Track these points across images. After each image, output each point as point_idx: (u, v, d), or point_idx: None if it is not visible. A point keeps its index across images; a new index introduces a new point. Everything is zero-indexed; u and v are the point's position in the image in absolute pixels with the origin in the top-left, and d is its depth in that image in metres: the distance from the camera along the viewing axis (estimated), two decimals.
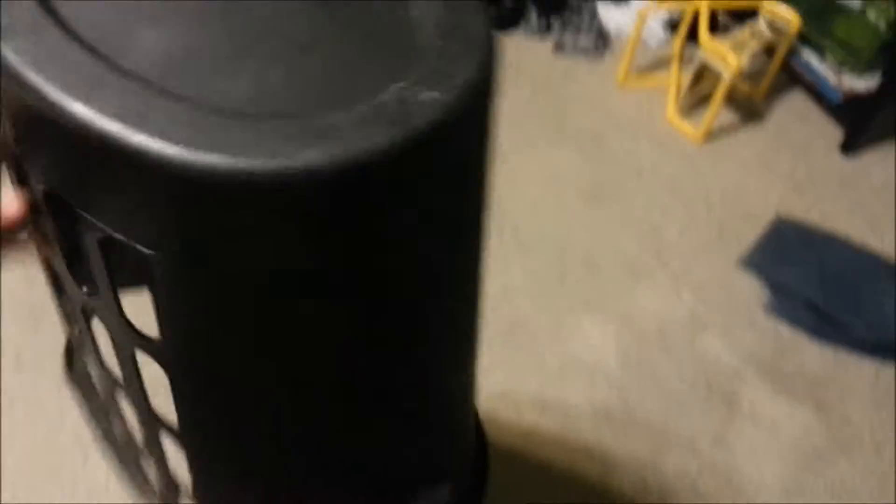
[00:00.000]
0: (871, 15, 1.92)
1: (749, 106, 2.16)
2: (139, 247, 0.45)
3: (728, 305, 1.72)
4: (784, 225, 1.85)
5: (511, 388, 1.56)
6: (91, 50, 0.43)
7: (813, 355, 1.64)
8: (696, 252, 1.81)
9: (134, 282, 0.53)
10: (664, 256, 1.80)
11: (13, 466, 1.44)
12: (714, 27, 2.08)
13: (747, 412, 1.56)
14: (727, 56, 1.89)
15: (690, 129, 2.06)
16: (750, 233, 1.84)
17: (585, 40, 2.33)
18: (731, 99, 2.14)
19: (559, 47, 2.32)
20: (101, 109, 0.39)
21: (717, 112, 1.99)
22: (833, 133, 2.08)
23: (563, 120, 2.11)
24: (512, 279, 1.74)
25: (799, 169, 2.00)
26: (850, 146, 2.03)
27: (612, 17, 2.37)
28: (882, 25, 1.91)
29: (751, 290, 1.74)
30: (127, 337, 0.55)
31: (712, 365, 1.62)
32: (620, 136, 2.06)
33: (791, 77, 2.18)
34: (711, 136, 2.07)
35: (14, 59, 0.41)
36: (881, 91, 1.97)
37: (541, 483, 1.45)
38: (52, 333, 1.61)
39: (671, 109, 2.10)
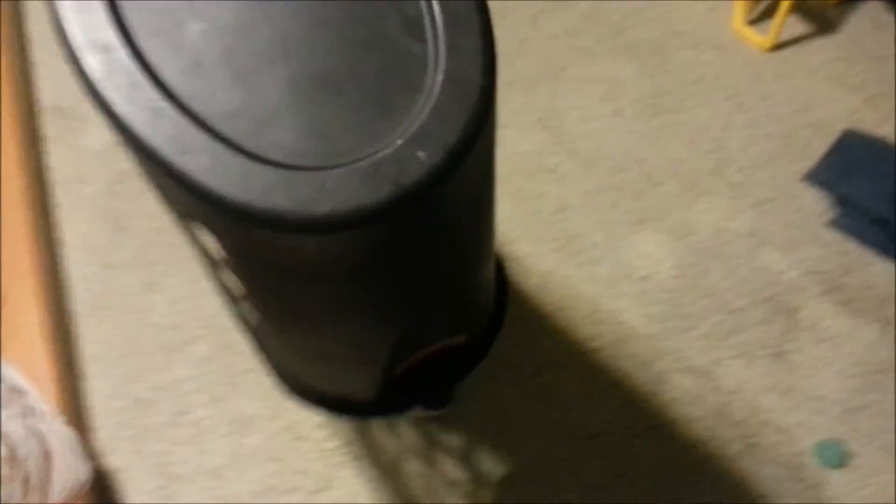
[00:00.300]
0: None
1: (822, 13, 2.05)
2: (219, 245, 0.63)
3: (792, 220, 1.67)
4: (854, 138, 1.77)
5: (567, 300, 1.57)
6: (184, 111, 0.55)
7: (880, 272, 1.60)
8: (760, 165, 1.75)
9: None
10: (725, 169, 1.75)
11: (100, 368, 1.53)
12: None
13: (808, 327, 1.53)
14: None
15: (757, 38, 1.97)
16: (817, 146, 1.77)
17: None
18: (803, 6, 2.03)
19: None
20: (195, 168, 0.54)
21: (785, 17, 1.90)
22: None
23: (622, 32, 2.03)
24: (567, 193, 1.72)
25: (872, 80, 1.90)
26: None
27: None
28: None
29: (816, 205, 1.69)
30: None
31: (773, 279, 1.59)
32: (682, 47, 1.99)
33: None
34: (779, 45, 1.97)
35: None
36: None
37: (595, 391, 1.47)
38: (135, 243, 1.69)
39: (737, 17, 2.01)
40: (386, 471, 1.40)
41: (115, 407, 1.50)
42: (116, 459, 1.45)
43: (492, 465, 1.41)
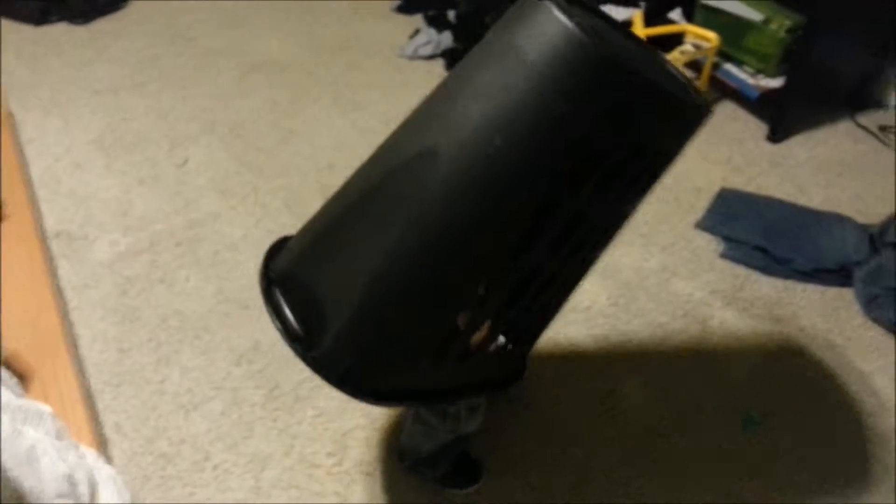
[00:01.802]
0: (773, 26, 2.38)
1: None
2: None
3: (691, 256, 2.09)
4: (729, 193, 2.24)
5: None
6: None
7: (766, 285, 2.00)
8: (660, 220, 2.19)
9: None
10: (633, 226, 2.15)
11: (122, 433, 1.73)
12: None
13: (718, 329, 1.90)
14: None
15: None
16: (701, 203, 2.24)
17: None
18: None
19: None
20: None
21: None
22: (759, 126, 2.52)
23: None
24: None
25: (735, 155, 2.42)
26: (775, 134, 2.46)
27: None
28: (782, 34, 2.37)
29: (708, 244, 2.12)
30: None
31: (685, 299, 1.97)
32: None
33: (718, 87, 2.62)
34: None
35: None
36: (790, 87, 2.42)
37: (562, 395, 1.76)
38: (145, 330, 1.91)
39: None
40: (396, 481, 1.61)
41: (140, 463, 1.66)
42: None
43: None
